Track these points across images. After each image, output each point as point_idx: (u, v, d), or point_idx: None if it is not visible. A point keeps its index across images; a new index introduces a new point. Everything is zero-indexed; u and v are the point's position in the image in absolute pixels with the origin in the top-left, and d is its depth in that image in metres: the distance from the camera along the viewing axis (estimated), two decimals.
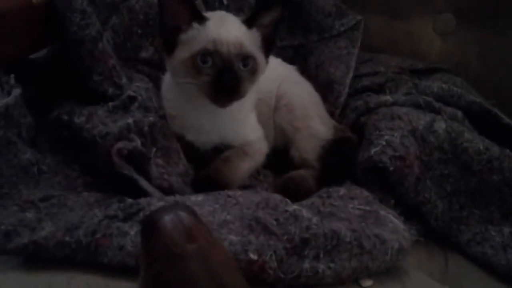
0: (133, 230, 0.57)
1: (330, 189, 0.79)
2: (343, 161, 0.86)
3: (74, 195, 0.66)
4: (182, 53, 0.77)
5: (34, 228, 0.58)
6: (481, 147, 0.86)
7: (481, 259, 0.83)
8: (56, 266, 0.55)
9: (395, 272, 0.66)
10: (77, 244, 0.55)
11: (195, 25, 0.77)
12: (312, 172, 0.85)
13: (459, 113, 0.93)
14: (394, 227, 0.67)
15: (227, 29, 0.78)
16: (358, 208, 0.71)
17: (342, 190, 0.78)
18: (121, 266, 0.55)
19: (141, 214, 0.59)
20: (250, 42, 0.79)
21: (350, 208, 0.70)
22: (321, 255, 0.57)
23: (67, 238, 0.55)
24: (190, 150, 0.80)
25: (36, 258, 0.56)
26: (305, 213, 0.61)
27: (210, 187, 0.71)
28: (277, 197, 0.65)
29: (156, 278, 0.43)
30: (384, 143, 0.83)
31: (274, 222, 0.58)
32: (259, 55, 0.81)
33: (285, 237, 0.57)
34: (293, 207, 0.62)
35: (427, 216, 0.85)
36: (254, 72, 0.79)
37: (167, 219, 0.45)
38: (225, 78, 0.75)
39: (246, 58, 0.78)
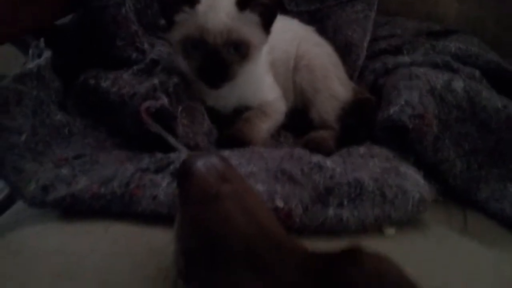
0: (164, 181, 0.59)
1: (350, 149, 0.80)
2: (362, 121, 0.87)
3: (105, 154, 0.69)
4: (175, 34, 0.78)
5: (70, 183, 0.61)
6: (499, 105, 0.87)
7: (500, 215, 0.84)
8: (93, 216, 0.58)
9: (417, 224, 0.68)
10: (112, 195, 0.58)
11: (186, 8, 0.76)
12: (332, 133, 0.86)
13: (477, 72, 0.93)
14: (414, 180, 0.68)
15: (215, 16, 0.75)
16: (379, 166, 0.73)
17: (362, 149, 0.80)
18: (154, 215, 0.57)
19: (171, 167, 0.61)
20: (241, 26, 0.76)
21: (371, 165, 0.72)
22: (345, 203, 0.59)
23: (102, 190, 0.58)
24: (211, 114, 0.82)
25: (73, 210, 0.59)
26: (329, 163, 0.63)
27: (234, 145, 0.73)
28: (300, 150, 0.67)
29: (193, 219, 0.45)
30: (403, 102, 0.84)
31: (299, 172, 0.60)
32: (253, 36, 0.79)
33: (310, 186, 0.59)
34: (317, 158, 0.64)
35: (446, 175, 0.86)
36: (245, 55, 0.78)
37: (201, 164, 0.47)
38: (211, 66, 0.75)
39: (236, 44, 0.77)
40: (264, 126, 0.82)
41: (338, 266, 0.36)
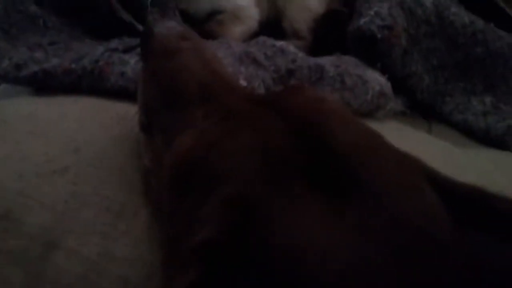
0: (132, 59, 0.62)
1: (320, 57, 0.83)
2: (334, 32, 0.89)
3: (78, 42, 0.71)
4: None
5: (42, 63, 0.63)
6: (467, 21, 0.90)
7: (463, 125, 0.89)
8: (64, 92, 0.61)
9: (377, 116, 0.71)
10: (82, 70, 0.60)
11: None
12: (304, 43, 0.89)
13: None
14: (375, 77, 0.72)
15: None
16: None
17: (332, 58, 0.82)
18: (122, 91, 0.60)
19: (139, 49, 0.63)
20: None
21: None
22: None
23: (73, 66, 0.60)
24: (184, 18, 0.83)
25: (45, 87, 0.62)
26: (292, 48, 0.65)
27: None
28: (265, 37, 0.70)
29: (154, 72, 0.48)
30: (372, 13, 0.86)
31: (263, 56, 0.63)
32: None
33: (272, 68, 0.62)
34: (280, 42, 0.67)
35: (413, 89, 0.90)
36: None
37: (162, 26, 0.50)
38: None
39: None
40: (237, 29, 0.84)
41: (280, 94, 0.39)
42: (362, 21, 0.85)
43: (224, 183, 0.31)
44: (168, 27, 0.49)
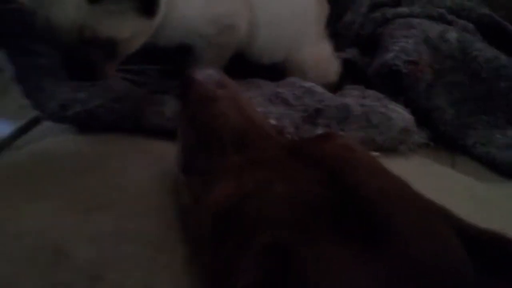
0: (171, 100, 0.66)
1: (344, 91, 0.86)
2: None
3: (116, 82, 0.75)
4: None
5: (86, 102, 0.68)
6: (490, 56, 0.92)
7: (486, 158, 0.90)
8: (106, 131, 0.65)
9: (401, 151, 0.74)
10: (123, 110, 0.65)
11: None
12: None
13: (471, 25, 0.98)
14: (400, 112, 0.74)
15: (61, 9, 0.58)
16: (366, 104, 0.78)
17: (355, 92, 0.86)
18: (161, 129, 0.64)
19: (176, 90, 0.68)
20: (99, 20, 0.59)
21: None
22: (332, 125, 0.65)
23: (115, 106, 0.65)
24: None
25: (89, 126, 0.66)
26: (320, 89, 0.69)
27: None
28: (293, 77, 0.74)
29: (192, 118, 0.51)
30: (398, 48, 0.89)
31: (292, 96, 0.67)
32: (121, 29, 0.61)
33: (301, 108, 0.65)
34: (309, 83, 0.70)
35: (437, 122, 0.92)
36: (112, 53, 0.62)
37: (200, 74, 0.54)
38: (70, 66, 0.62)
39: (96, 43, 0.60)
40: None
41: (311, 142, 0.43)
42: (388, 56, 0.88)
43: (260, 232, 0.34)
44: (207, 75, 0.53)
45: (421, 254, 0.32)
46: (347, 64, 0.92)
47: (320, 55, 0.88)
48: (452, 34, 0.92)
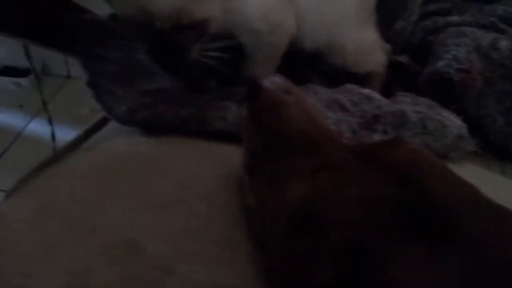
0: (233, 106, 0.69)
1: (396, 98, 0.87)
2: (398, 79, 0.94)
3: (178, 87, 0.79)
4: (116, 6, 0.66)
5: (151, 107, 0.72)
6: None
7: None
8: (171, 133, 0.69)
9: (455, 158, 0.75)
10: (188, 115, 0.68)
11: None
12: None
13: None
14: (453, 120, 0.75)
15: None
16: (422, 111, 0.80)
17: (407, 99, 0.87)
18: (223, 133, 0.68)
19: (238, 96, 0.71)
20: (195, 2, 0.61)
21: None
22: (389, 130, 0.67)
23: (180, 111, 0.69)
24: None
25: (155, 129, 0.70)
26: (377, 96, 0.70)
27: None
28: (351, 84, 0.76)
29: (260, 122, 0.54)
30: (450, 57, 0.90)
31: (349, 102, 0.69)
32: (213, 7, 0.64)
33: (359, 114, 0.67)
34: (366, 90, 0.72)
35: (487, 130, 0.92)
36: (204, 33, 0.65)
37: (267, 81, 0.56)
38: (161, 53, 0.65)
39: (191, 26, 0.62)
40: None
41: (379, 146, 0.45)
42: (440, 64, 0.89)
43: (337, 231, 0.36)
44: (274, 81, 0.55)
45: (493, 253, 0.34)
46: (398, 70, 0.94)
47: (361, 41, 0.87)
48: (504, 43, 0.92)
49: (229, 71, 0.77)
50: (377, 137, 0.66)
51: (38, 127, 1.89)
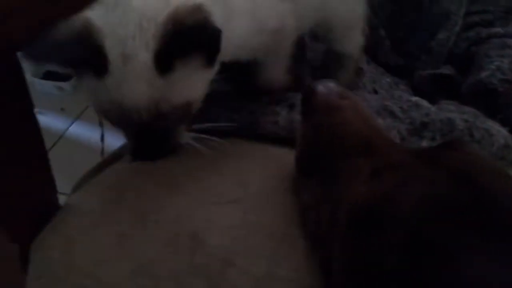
0: (283, 110, 0.72)
1: (441, 105, 0.89)
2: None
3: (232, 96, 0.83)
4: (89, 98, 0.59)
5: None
6: None
7: None
8: (225, 136, 0.72)
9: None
10: (242, 119, 0.72)
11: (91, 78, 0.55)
12: None
13: None
14: (499, 130, 0.77)
15: (133, 89, 0.54)
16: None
17: (452, 107, 0.89)
18: (275, 137, 0.71)
19: (288, 101, 0.74)
20: (173, 88, 0.56)
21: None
22: (437, 138, 0.69)
23: (235, 116, 0.72)
24: None
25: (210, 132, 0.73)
26: (426, 103, 0.73)
27: None
28: (401, 92, 0.78)
29: (317, 126, 0.57)
30: (494, 67, 0.92)
31: (399, 109, 0.71)
32: (193, 89, 0.60)
33: (408, 121, 0.70)
34: (415, 98, 0.74)
35: None
36: (186, 114, 0.61)
37: (322, 86, 0.59)
38: (145, 145, 0.61)
39: (171, 112, 0.58)
40: None
41: (437, 149, 0.47)
42: (484, 74, 0.91)
43: (404, 227, 0.39)
44: (328, 86, 0.59)
45: None
46: (442, 80, 0.95)
47: (347, 16, 0.84)
48: None
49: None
50: (425, 143, 0.68)
51: (79, 130, 1.95)
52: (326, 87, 0.59)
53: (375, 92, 0.89)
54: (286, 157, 0.63)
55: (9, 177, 0.61)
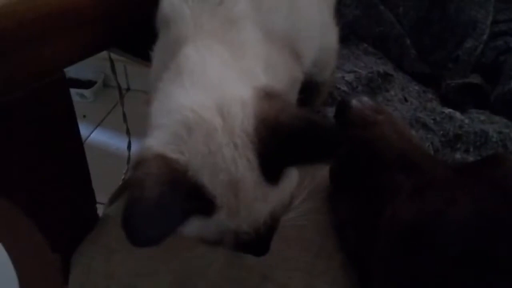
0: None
1: (471, 115, 0.89)
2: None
3: None
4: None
5: None
6: None
7: None
8: None
9: None
10: None
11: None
12: None
13: None
14: None
15: (250, 214, 0.48)
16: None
17: (482, 116, 0.88)
18: None
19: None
20: (282, 196, 0.51)
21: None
22: (471, 150, 0.69)
23: None
24: None
25: None
26: (459, 115, 0.73)
27: None
28: (434, 103, 0.78)
29: (354, 140, 0.57)
30: None
31: (432, 121, 0.71)
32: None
33: (441, 132, 0.70)
34: (448, 109, 0.74)
35: None
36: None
37: (356, 100, 0.60)
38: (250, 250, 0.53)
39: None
40: None
41: (479, 163, 0.47)
42: None
43: (459, 243, 0.40)
44: (362, 100, 0.59)
45: None
46: (470, 89, 0.95)
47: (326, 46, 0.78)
48: None
49: None
50: (458, 155, 0.68)
51: (100, 137, 1.97)
52: (360, 101, 0.59)
53: (405, 100, 0.89)
54: (321, 171, 0.64)
55: (53, 189, 0.62)
